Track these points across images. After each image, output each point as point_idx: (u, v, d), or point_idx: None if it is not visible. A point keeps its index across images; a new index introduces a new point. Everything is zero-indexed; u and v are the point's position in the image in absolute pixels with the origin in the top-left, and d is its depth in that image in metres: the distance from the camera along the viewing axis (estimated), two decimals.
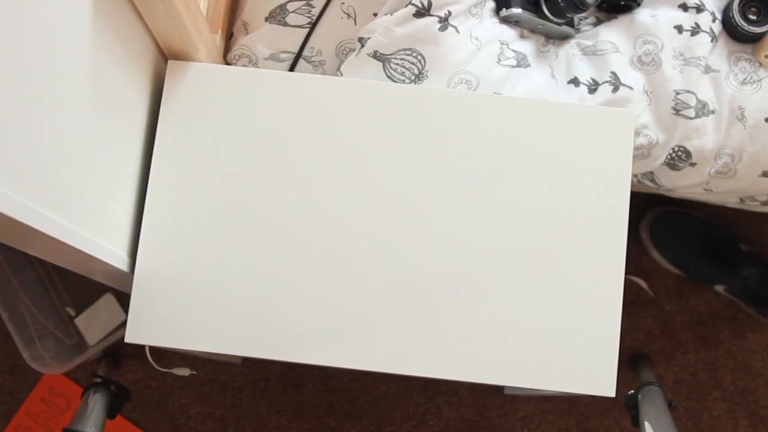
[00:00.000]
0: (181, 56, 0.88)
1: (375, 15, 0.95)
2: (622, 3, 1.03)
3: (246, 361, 1.41)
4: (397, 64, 0.92)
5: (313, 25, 0.97)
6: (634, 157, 1.00)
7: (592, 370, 0.84)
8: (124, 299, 1.33)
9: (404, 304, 0.85)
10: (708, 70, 1.02)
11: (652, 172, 1.08)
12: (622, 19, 1.04)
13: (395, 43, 0.91)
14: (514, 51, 0.98)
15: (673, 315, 1.44)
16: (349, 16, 0.97)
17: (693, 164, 1.04)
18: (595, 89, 1.00)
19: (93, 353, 1.31)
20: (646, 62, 1.01)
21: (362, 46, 0.92)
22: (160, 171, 0.86)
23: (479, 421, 1.41)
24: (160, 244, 0.85)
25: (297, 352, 0.84)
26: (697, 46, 1.00)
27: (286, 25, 0.97)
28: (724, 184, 1.06)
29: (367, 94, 0.88)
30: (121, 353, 1.40)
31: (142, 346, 1.22)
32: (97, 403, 1.00)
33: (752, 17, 1.01)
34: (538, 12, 0.99)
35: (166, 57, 0.89)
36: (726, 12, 1.03)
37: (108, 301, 1.32)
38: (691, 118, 1.01)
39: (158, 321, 0.84)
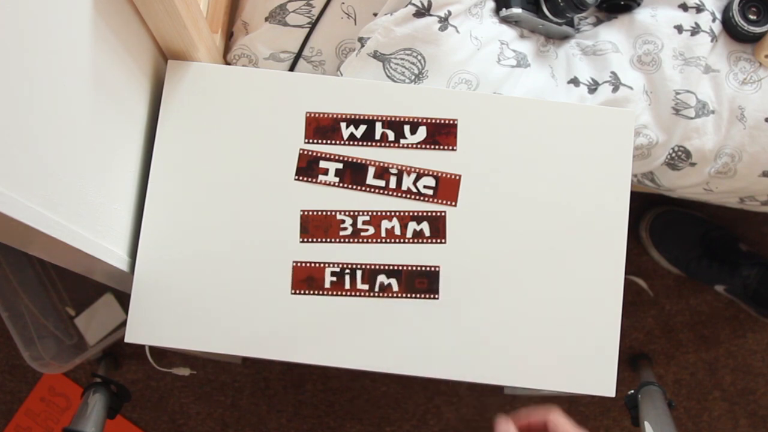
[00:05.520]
0: (181, 56, 0.88)
1: (375, 15, 0.95)
2: (622, 3, 1.03)
3: (246, 361, 1.41)
4: (397, 63, 0.92)
5: (313, 25, 0.97)
6: (634, 157, 1.00)
7: (592, 370, 0.84)
8: (124, 299, 1.33)
9: (404, 305, 0.85)
10: (708, 70, 1.02)
11: (652, 172, 1.08)
12: (622, 19, 1.03)
13: (395, 43, 0.91)
14: (514, 51, 0.98)
15: (673, 315, 1.44)
16: (349, 16, 0.97)
17: (693, 164, 1.04)
18: (595, 89, 1.00)
19: (93, 353, 1.31)
20: (646, 62, 1.01)
21: (362, 46, 0.92)
22: (160, 171, 0.86)
23: (479, 421, 1.41)
24: (160, 244, 0.85)
25: (297, 352, 0.84)
26: (697, 46, 1.00)
27: (286, 24, 0.97)
28: (724, 184, 1.06)
29: (367, 94, 0.88)
30: (121, 353, 1.40)
31: (142, 346, 1.22)
32: (97, 403, 0.99)
33: (752, 17, 1.01)
34: (538, 12, 0.99)
35: (166, 57, 0.89)
36: (726, 12, 1.03)
37: (108, 301, 1.32)
38: (691, 118, 1.01)
39: (158, 321, 0.84)
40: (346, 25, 0.97)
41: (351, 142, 0.87)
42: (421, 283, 0.85)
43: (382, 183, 0.86)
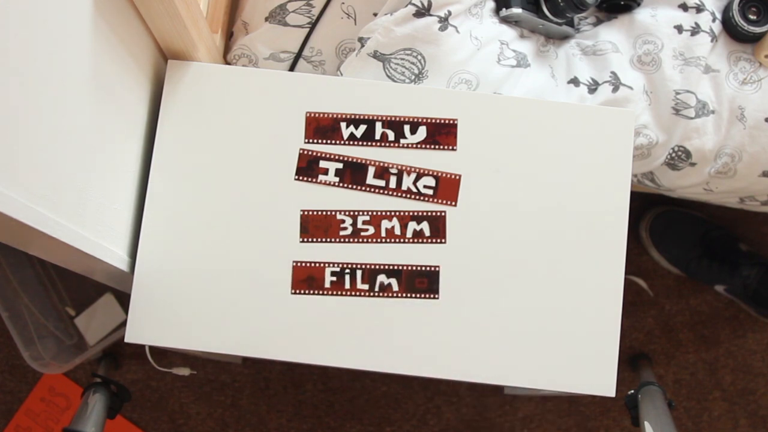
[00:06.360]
0: (181, 56, 0.88)
1: (375, 15, 0.95)
2: (622, 3, 1.03)
3: (246, 361, 1.41)
4: (397, 63, 0.92)
5: (313, 25, 0.97)
6: (634, 157, 1.00)
7: (592, 370, 0.84)
8: (124, 299, 1.33)
9: (404, 305, 0.85)
10: (708, 70, 1.02)
11: (652, 172, 1.08)
12: (622, 19, 1.04)
13: (395, 43, 0.91)
14: (514, 51, 0.98)
15: (673, 315, 1.44)
16: (349, 16, 0.97)
17: (693, 164, 1.04)
18: (595, 89, 1.00)
19: (93, 353, 1.31)
20: (646, 62, 1.01)
21: (362, 45, 0.92)
22: (160, 171, 0.86)
23: (479, 421, 1.41)
24: (160, 244, 0.85)
25: (297, 352, 0.84)
26: (697, 46, 1.00)
27: (286, 24, 0.97)
28: (724, 184, 1.06)
29: (367, 94, 0.88)
30: (121, 353, 1.40)
31: (142, 346, 1.22)
32: (97, 403, 1.00)
33: (752, 17, 1.01)
34: (538, 12, 0.99)
35: (166, 57, 0.89)
36: (726, 12, 1.03)
37: (108, 301, 1.32)
38: (691, 118, 1.01)
39: (158, 321, 0.84)
40: (346, 25, 0.97)
41: (351, 142, 0.87)
42: (421, 282, 0.85)
43: (382, 183, 0.86)
